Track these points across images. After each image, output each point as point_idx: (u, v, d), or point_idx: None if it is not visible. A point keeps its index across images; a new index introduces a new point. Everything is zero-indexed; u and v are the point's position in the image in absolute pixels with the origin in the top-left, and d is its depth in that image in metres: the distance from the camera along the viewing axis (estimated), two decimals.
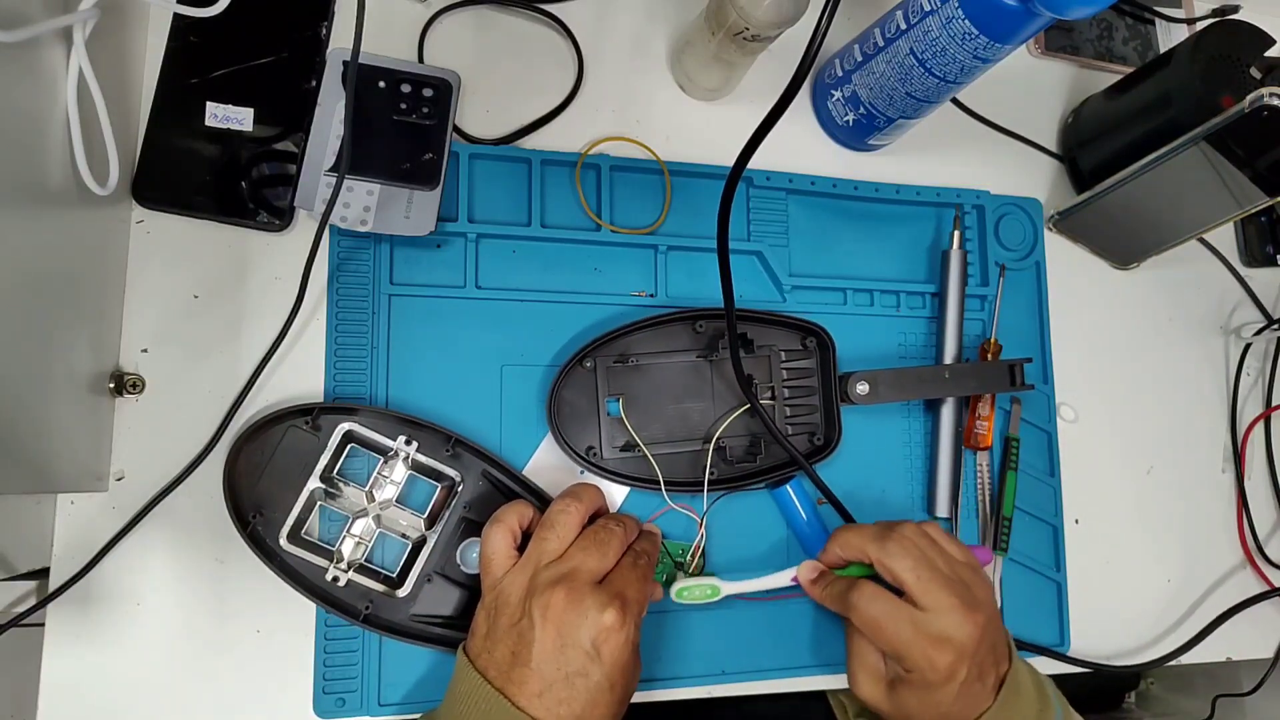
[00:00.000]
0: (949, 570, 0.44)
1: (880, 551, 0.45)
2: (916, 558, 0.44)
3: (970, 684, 0.43)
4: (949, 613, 0.43)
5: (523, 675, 0.40)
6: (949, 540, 0.47)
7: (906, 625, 0.43)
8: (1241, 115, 0.48)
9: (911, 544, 0.45)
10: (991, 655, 0.44)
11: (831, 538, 0.48)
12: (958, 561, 0.46)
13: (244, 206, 0.48)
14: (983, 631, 0.43)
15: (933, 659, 0.42)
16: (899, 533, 0.45)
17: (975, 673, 0.43)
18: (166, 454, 0.46)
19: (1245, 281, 0.67)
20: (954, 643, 0.42)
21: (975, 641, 0.42)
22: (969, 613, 0.43)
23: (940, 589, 0.43)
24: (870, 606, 0.44)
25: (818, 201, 0.58)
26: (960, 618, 0.42)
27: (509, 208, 0.52)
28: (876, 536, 0.46)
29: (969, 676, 0.42)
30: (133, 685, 0.44)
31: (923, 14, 0.47)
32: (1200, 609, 0.62)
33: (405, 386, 0.49)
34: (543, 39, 0.56)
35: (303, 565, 0.46)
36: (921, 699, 0.43)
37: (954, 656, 0.42)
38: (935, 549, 0.46)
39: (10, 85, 0.36)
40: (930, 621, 0.43)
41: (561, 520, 0.44)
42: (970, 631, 0.42)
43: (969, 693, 0.43)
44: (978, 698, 0.43)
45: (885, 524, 0.48)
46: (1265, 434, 0.66)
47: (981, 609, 0.43)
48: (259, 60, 0.49)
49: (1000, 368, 0.55)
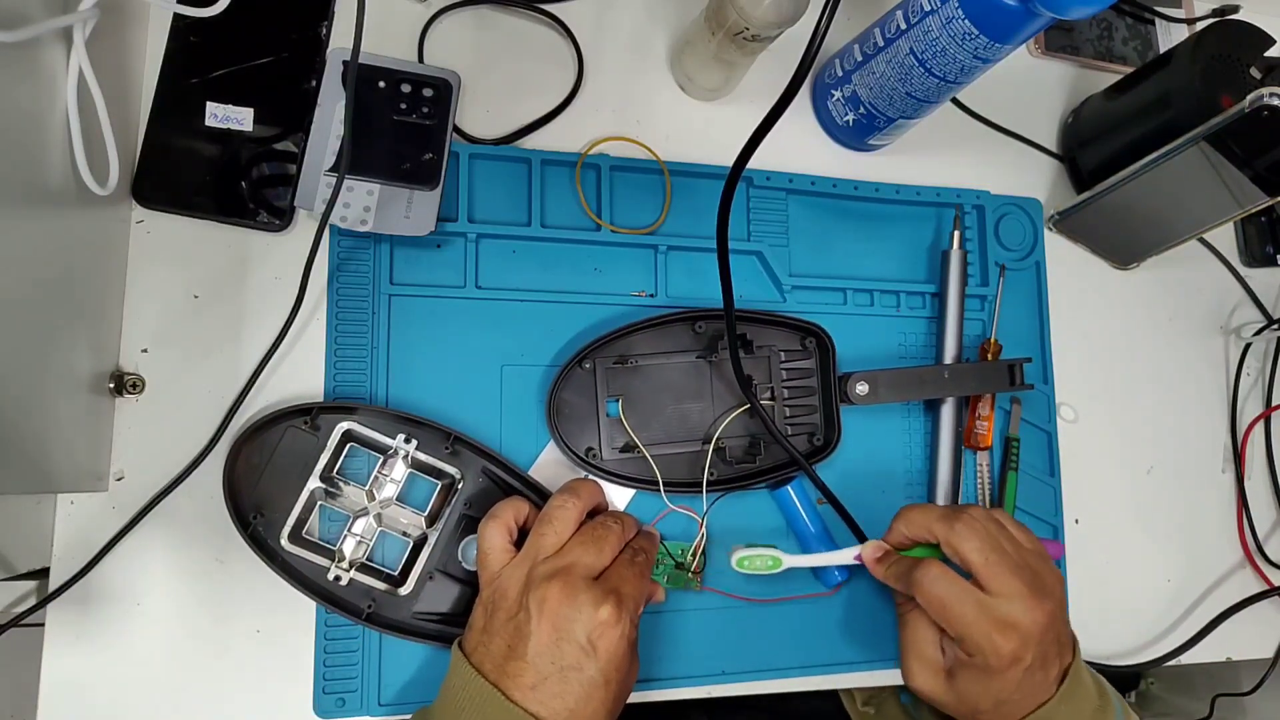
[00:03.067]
0: (1017, 556, 0.44)
1: (948, 532, 0.44)
2: (985, 540, 0.43)
3: (1033, 672, 0.42)
4: (1016, 598, 0.42)
5: (518, 668, 0.40)
6: (1018, 528, 0.47)
7: (972, 607, 0.42)
8: (1241, 115, 0.48)
9: (980, 526, 0.44)
10: (1056, 646, 0.43)
11: (897, 516, 0.48)
12: (1026, 549, 0.45)
13: (244, 206, 0.48)
14: (1050, 620, 0.42)
15: (997, 643, 0.41)
16: (968, 514, 0.45)
17: (1039, 661, 0.42)
18: (166, 454, 0.46)
19: (1245, 281, 0.67)
20: (1020, 628, 0.42)
21: (1041, 629, 0.42)
22: (1037, 600, 0.42)
23: (1008, 573, 0.42)
24: (936, 585, 0.43)
25: (818, 201, 0.58)
26: (1027, 604, 0.42)
27: (509, 208, 0.52)
28: (944, 516, 0.45)
29: (1033, 664, 0.42)
30: (133, 685, 0.44)
31: (923, 14, 0.47)
32: (1200, 609, 0.62)
33: (405, 386, 0.49)
34: (543, 39, 0.56)
35: (304, 565, 0.46)
36: (983, 685, 0.43)
37: (1019, 642, 0.41)
38: (1004, 534, 0.45)
39: (10, 85, 0.36)
40: (997, 605, 0.42)
41: (559, 516, 0.44)
42: (1037, 618, 0.42)
43: (1031, 681, 0.42)
44: (1039, 687, 0.43)
45: (953, 506, 0.47)
46: (1265, 434, 0.66)
47: (1049, 597, 0.43)
48: (259, 60, 0.49)
49: (1000, 368, 0.55)
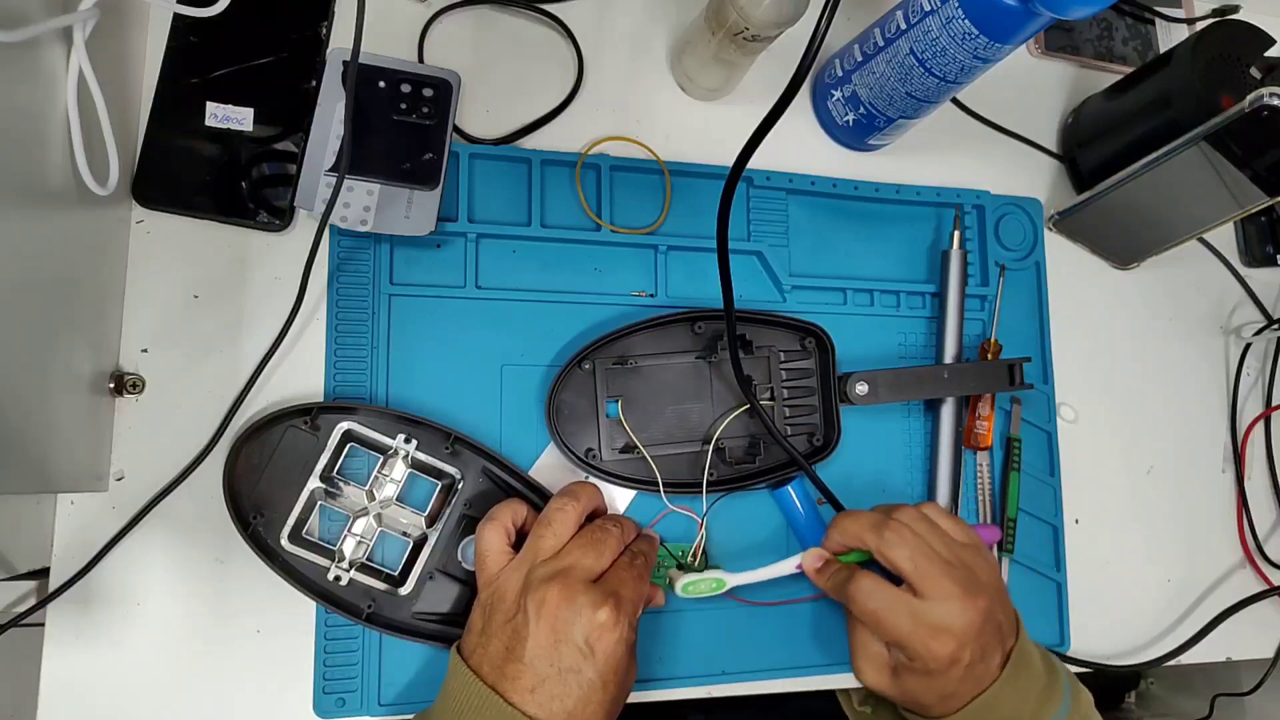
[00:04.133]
0: (949, 554, 0.44)
1: (877, 540, 0.44)
2: (914, 545, 0.44)
3: (974, 666, 0.43)
4: (949, 600, 0.42)
5: (516, 670, 0.40)
6: (950, 520, 0.46)
7: (905, 616, 0.43)
8: (1241, 115, 0.48)
9: (909, 530, 0.44)
10: (997, 634, 0.44)
11: (832, 524, 0.48)
12: (958, 543, 0.45)
13: (244, 206, 0.48)
14: (985, 615, 0.43)
15: (933, 649, 0.42)
16: (896, 519, 0.45)
17: (978, 654, 0.43)
18: (166, 454, 0.46)
19: (1245, 281, 0.67)
20: (954, 631, 0.42)
21: (977, 627, 0.42)
22: (970, 599, 0.42)
23: (940, 576, 0.43)
24: (869, 599, 0.44)
25: (818, 201, 0.58)
26: (960, 605, 0.42)
27: (509, 208, 0.52)
28: (874, 524, 0.45)
29: (972, 659, 0.42)
30: (133, 685, 0.44)
31: (923, 14, 0.47)
32: (1200, 608, 0.62)
33: (405, 386, 0.49)
34: (543, 39, 0.56)
35: (304, 565, 0.46)
36: (926, 684, 0.43)
37: (955, 645, 0.42)
38: (935, 532, 0.45)
39: (10, 85, 0.36)
40: (929, 610, 0.42)
41: (558, 518, 0.44)
42: (971, 618, 0.42)
43: (973, 674, 0.43)
44: (982, 676, 0.43)
45: (885, 508, 0.47)
46: (1265, 434, 0.66)
47: (984, 592, 0.43)
48: (259, 60, 0.49)
49: (1000, 367, 0.55)
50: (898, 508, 0.46)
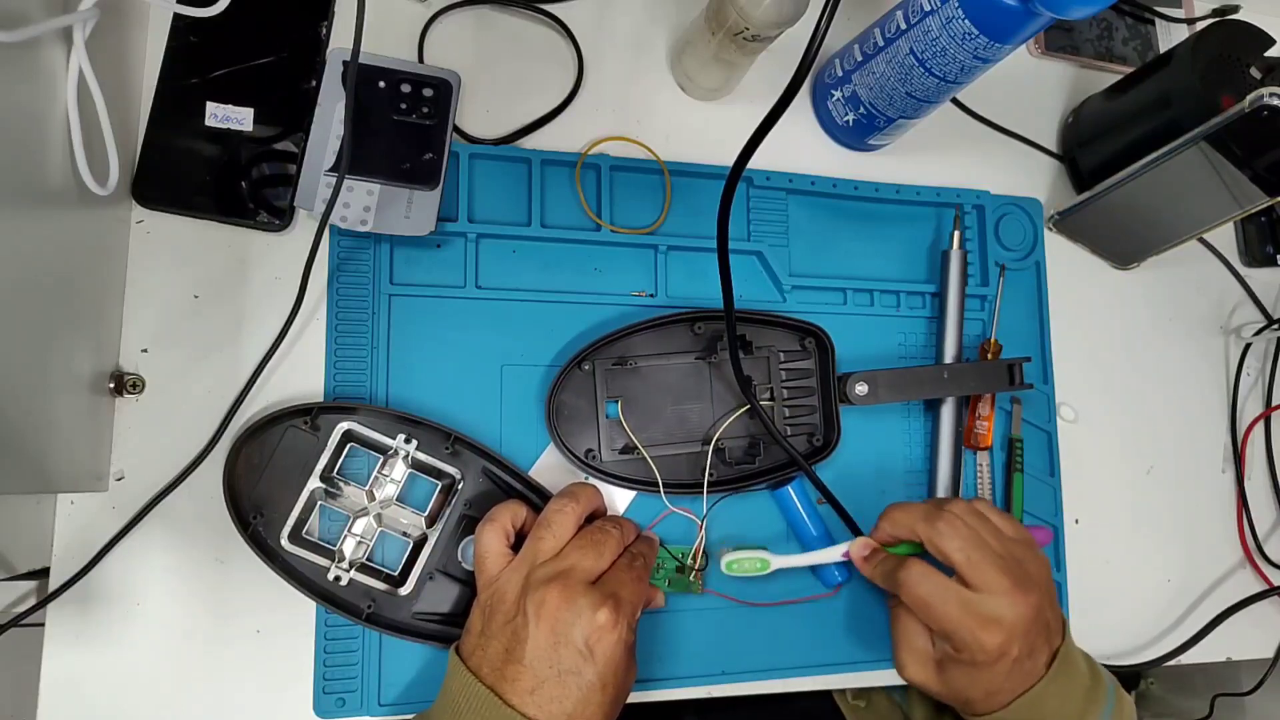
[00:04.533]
0: (1001, 548, 0.44)
1: (930, 530, 0.44)
2: (966, 536, 0.44)
3: (1021, 662, 0.42)
4: (999, 594, 0.42)
5: (516, 672, 0.40)
6: (1001, 516, 0.46)
7: (955, 605, 0.43)
8: (1241, 115, 0.48)
9: (961, 522, 0.44)
10: (1044, 633, 0.43)
11: (882, 515, 0.48)
12: (1010, 539, 0.45)
13: (244, 206, 0.48)
14: (1035, 611, 0.42)
15: (982, 640, 0.42)
16: (949, 511, 0.45)
17: (1026, 651, 0.42)
18: (166, 454, 0.46)
19: (1245, 281, 0.67)
20: (1004, 623, 0.42)
21: (1027, 621, 0.42)
22: (1020, 593, 0.42)
23: (990, 569, 0.43)
24: (919, 585, 0.44)
25: (818, 201, 0.58)
26: (1011, 599, 0.42)
27: (509, 208, 0.52)
28: (926, 515, 0.45)
29: (1020, 655, 0.42)
30: (133, 685, 0.44)
31: (923, 14, 0.47)
32: (1200, 608, 0.62)
33: (405, 387, 0.49)
34: (543, 39, 0.56)
35: (304, 565, 0.46)
36: (972, 677, 0.43)
37: (1004, 637, 0.42)
38: (987, 526, 0.45)
39: (10, 85, 0.36)
40: (980, 602, 0.42)
41: (558, 520, 0.44)
42: (1021, 612, 0.42)
43: (1020, 670, 0.43)
44: (1029, 674, 0.43)
45: (936, 501, 0.47)
46: (1265, 434, 0.66)
47: (1034, 588, 0.43)
48: (259, 60, 0.49)
49: (999, 367, 0.55)
50: (949, 500, 0.46)
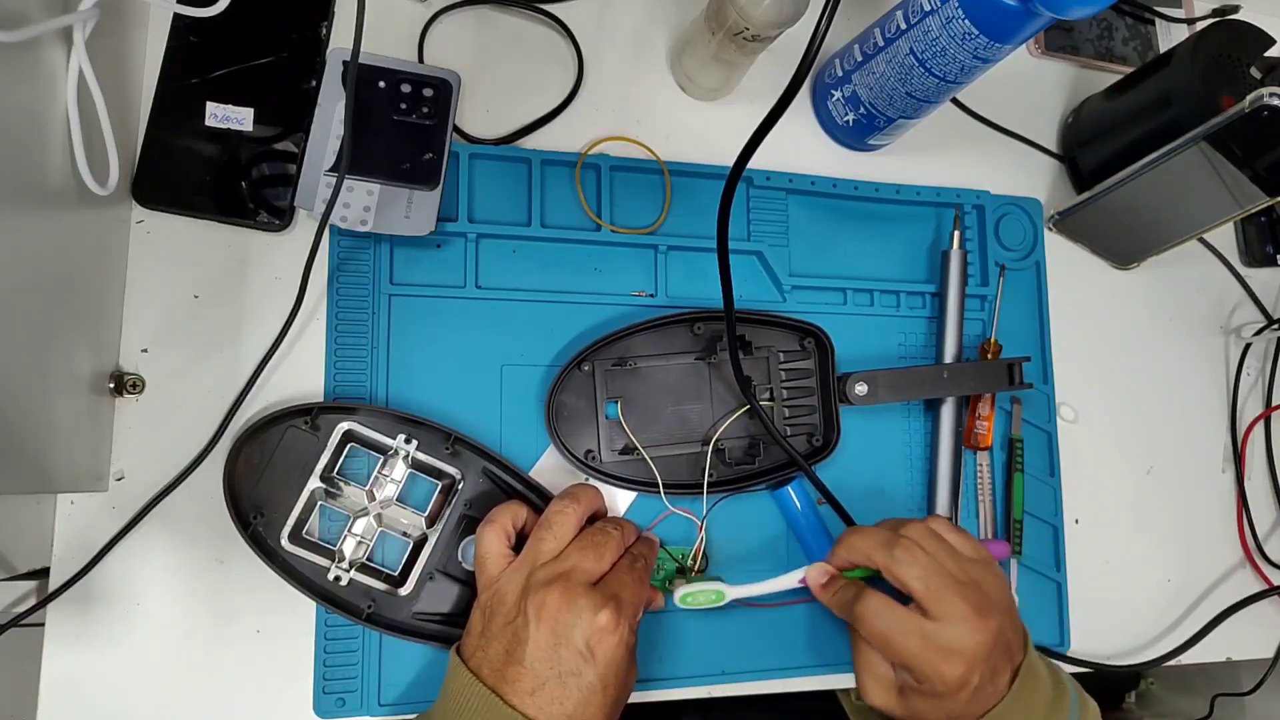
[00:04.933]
0: (960, 572, 0.43)
1: (887, 559, 0.43)
2: (925, 564, 0.42)
3: (982, 688, 0.42)
4: (960, 622, 0.41)
5: (516, 673, 0.40)
6: (959, 536, 0.46)
7: (915, 638, 0.42)
8: (1241, 115, 0.48)
9: (919, 549, 0.43)
10: (1006, 653, 0.43)
11: (839, 541, 0.47)
12: (968, 560, 0.44)
13: (244, 206, 0.48)
14: (995, 637, 0.42)
15: (942, 672, 0.41)
16: (906, 536, 0.44)
17: (988, 676, 0.42)
18: (166, 454, 0.46)
19: (1245, 281, 0.67)
20: (965, 654, 0.41)
21: (987, 649, 0.41)
22: (981, 620, 0.41)
23: (951, 596, 0.42)
24: (877, 620, 0.43)
25: (818, 201, 0.58)
26: (972, 626, 0.41)
27: (509, 208, 0.52)
28: (884, 542, 0.44)
29: (981, 681, 0.41)
30: (133, 685, 0.44)
31: (923, 14, 0.47)
32: (1200, 608, 0.62)
33: (405, 387, 0.49)
34: (543, 39, 0.56)
35: (304, 565, 0.46)
36: (934, 705, 0.43)
37: (965, 668, 0.41)
38: (945, 549, 0.44)
39: (10, 85, 0.36)
40: (940, 632, 0.41)
41: (559, 521, 0.44)
42: (982, 640, 0.41)
43: (981, 695, 0.42)
44: (990, 696, 0.42)
45: (893, 524, 0.46)
46: (1265, 434, 0.66)
47: (994, 611, 0.42)
48: (259, 60, 0.49)
49: (999, 367, 0.55)
50: (905, 523, 0.45)
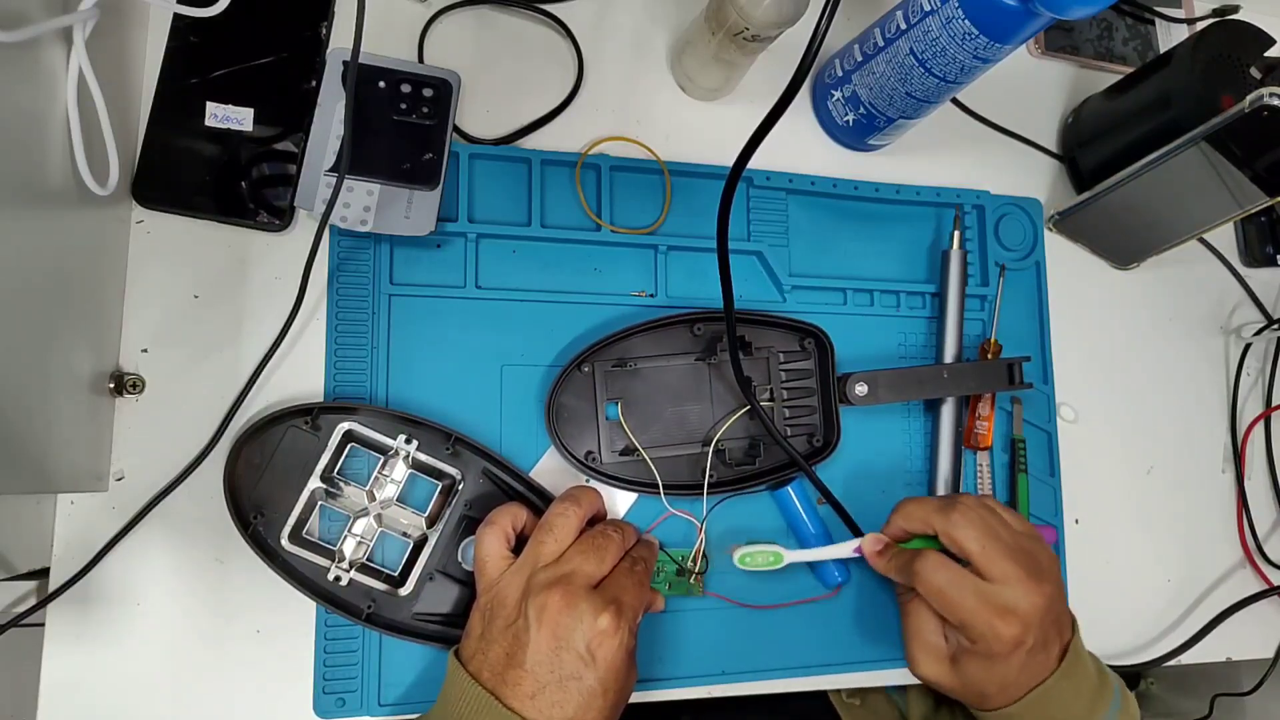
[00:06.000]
0: (1013, 541, 0.44)
1: (945, 522, 0.45)
2: (981, 528, 0.44)
3: (1035, 653, 0.43)
4: (1015, 583, 0.43)
5: (517, 676, 0.40)
6: (1010, 513, 0.47)
7: (971, 595, 0.43)
8: (1241, 115, 0.48)
9: (975, 514, 0.45)
10: (1056, 626, 0.44)
11: (895, 510, 0.49)
12: (1020, 533, 0.46)
13: (244, 206, 0.48)
14: (1049, 601, 0.43)
15: (998, 629, 0.42)
16: (962, 504, 0.46)
17: (1040, 642, 0.43)
18: (166, 454, 0.46)
19: (1245, 281, 0.67)
20: (1019, 613, 0.42)
21: (1041, 612, 0.42)
22: (1035, 583, 0.43)
23: (1006, 559, 0.43)
24: (935, 575, 0.44)
25: (818, 201, 0.58)
26: (1026, 588, 0.42)
27: (509, 208, 0.52)
28: (940, 508, 0.46)
29: (1034, 646, 0.43)
30: (133, 685, 0.44)
31: (923, 14, 0.47)
32: (1200, 608, 0.62)
33: (405, 387, 0.49)
34: (543, 39, 0.56)
35: (304, 565, 0.46)
36: (987, 669, 0.43)
37: (1020, 627, 0.42)
38: (998, 520, 0.45)
39: (10, 85, 0.36)
40: (996, 592, 0.43)
41: (560, 523, 0.44)
42: (1036, 601, 0.42)
43: (1034, 662, 0.43)
44: (1041, 666, 0.43)
45: (947, 496, 0.48)
46: (1265, 434, 0.66)
47: (1047, 579, 0.43)
48: (259, 60, 0.49)
49: (999, 367, 0.55)
50: (960, 495, 0.47)
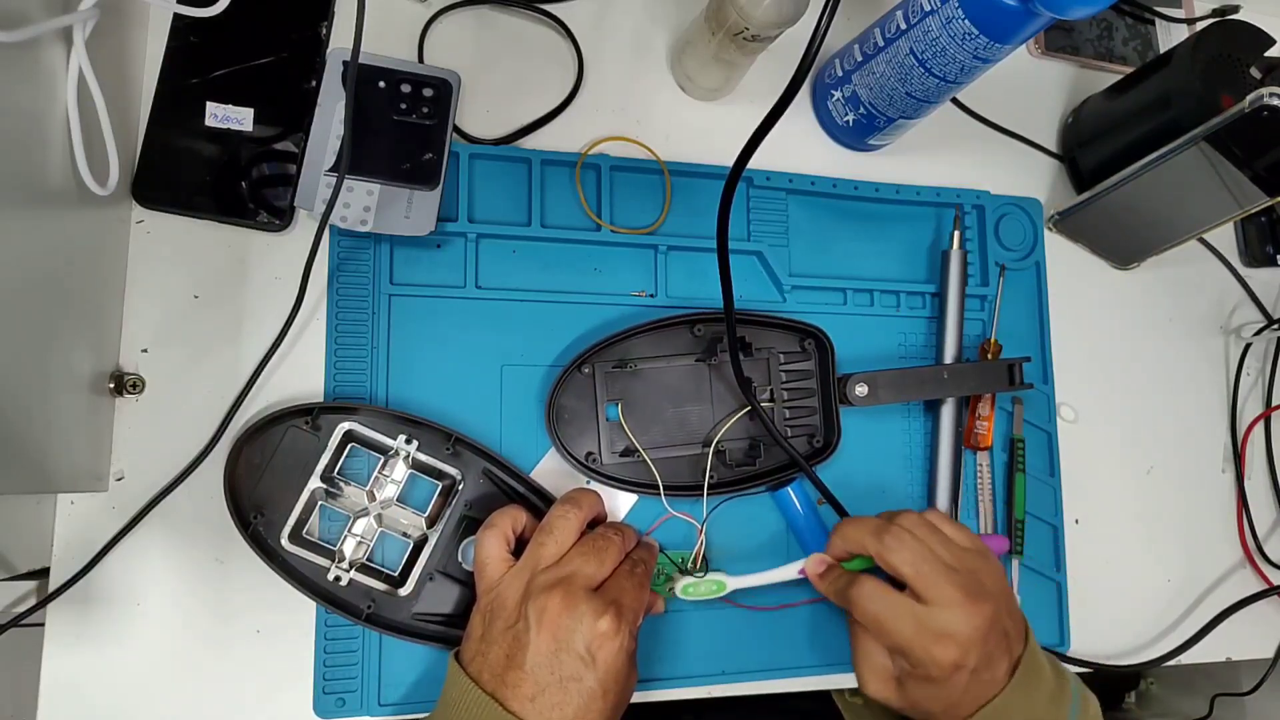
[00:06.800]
0: (953, 560, 0.43)
1: (878, 545, 0.44)
2: (915, 550, 0.43)
3: (979, 673, 0.42)
4: (951, 606, 0.42)
5: (517, 678, 0.40)
6: (954, 527, 0.46)
7: (908, 621, 0.42)
8: (1241, 115, 0.48)
9: (910, 535, 0.44)
10: (1003, 642, 0.43)
11: (834, 530, 0.48)
12: (963, 549, 0.44)
13: (244, 206, 0.48)
14: (989, 621, 0.42)
15: (935, 655, 0.41)
16: (898, 525, 0.44)
17: (983, 663, 0.42)
18: (166, 454, 0.46)
19: (1245, 281, 0.67)
20: (957, 637, 0.41)
21: (982, 633, 0.41)
22: (973, 604, 0.42)
23: (942, 581, 0.42)
24: (870, 603, 0.43)
25: (818, 201, 0.58)
26: (964, 610, 0.41)
27: (509, 208, 0.52)
28: (876, 530, 0.45)
29: (977, 667, 0.41)
30: (133, 685, 0.44)
31: (923, 14, 0.47)
32: (1200, 608, 0.62)
33: (405, 387, 0.49)
34: (543, 39, 0.56)
35: (304, 565, 0.46)
36: (930, 691, 0.43)
37: (958, 651, 0.41)
38: (938, 538, 0.44)
39: (10, 85, 0.36)
40: (933, 616, 0.42)
41: (560, 526, 0.44)
42: (975, 624, 0.41)
43: (978, 681, 0.42)
44: (988, 685, 0.42)
45: (887, 515, 0.46)
46: (1265, 434, 0.66)
47: (988, 598, 0.42)
48: (259, 60, 0.49)
49: (999, 367, 0.55)
50: (900, 514, 0.46)
